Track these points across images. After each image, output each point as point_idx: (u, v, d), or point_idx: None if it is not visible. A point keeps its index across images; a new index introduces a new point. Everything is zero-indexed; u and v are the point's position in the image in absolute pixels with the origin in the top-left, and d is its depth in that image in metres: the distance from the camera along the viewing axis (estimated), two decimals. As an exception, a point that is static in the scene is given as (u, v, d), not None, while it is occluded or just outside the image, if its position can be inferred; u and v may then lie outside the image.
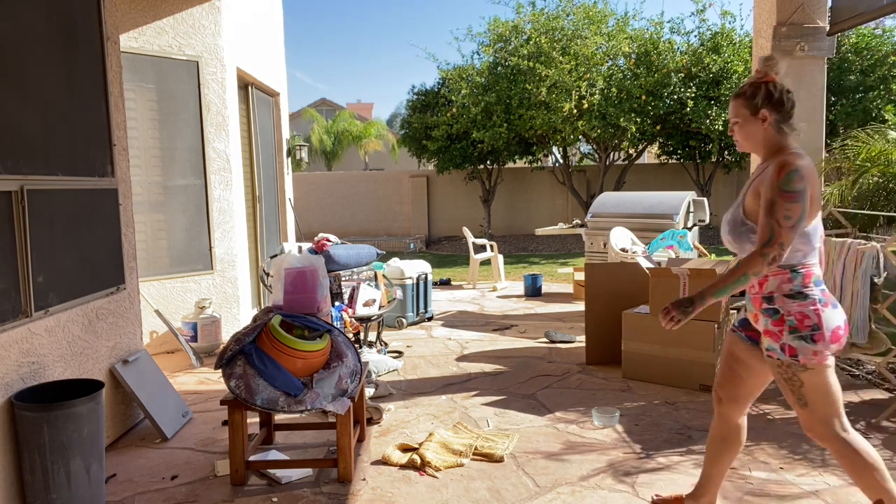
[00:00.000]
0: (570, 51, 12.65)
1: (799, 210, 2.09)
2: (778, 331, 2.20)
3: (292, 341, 2.94)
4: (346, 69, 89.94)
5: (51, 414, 2.59)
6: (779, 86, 2.27)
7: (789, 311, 2.18)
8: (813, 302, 2.17)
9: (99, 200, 3.46)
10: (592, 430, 3.58)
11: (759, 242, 2.12)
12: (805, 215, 2.12)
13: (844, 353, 4.09)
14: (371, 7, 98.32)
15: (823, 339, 2.15)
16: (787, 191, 2.09)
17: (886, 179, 4.38)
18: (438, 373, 4.76)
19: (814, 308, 2.16)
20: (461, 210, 16.74)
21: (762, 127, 2.25)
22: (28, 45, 2.89)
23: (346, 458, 3.00)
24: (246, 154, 6.48)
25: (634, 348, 4.44)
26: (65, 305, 3.10)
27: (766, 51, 4.72)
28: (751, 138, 2.29)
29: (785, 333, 2.18)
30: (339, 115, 25.04)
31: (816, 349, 2.15)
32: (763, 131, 2.25)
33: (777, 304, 2.21)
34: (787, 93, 2.27)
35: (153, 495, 2.96)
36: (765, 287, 2.24)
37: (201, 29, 5.52)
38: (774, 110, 2.23)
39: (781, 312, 2.20)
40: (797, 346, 2.16)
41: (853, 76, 12.77)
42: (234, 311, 5.79)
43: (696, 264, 4.37)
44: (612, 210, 7.79)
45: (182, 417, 3.83)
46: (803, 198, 2.10)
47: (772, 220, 2.11)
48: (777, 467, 3.07)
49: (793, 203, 2.09)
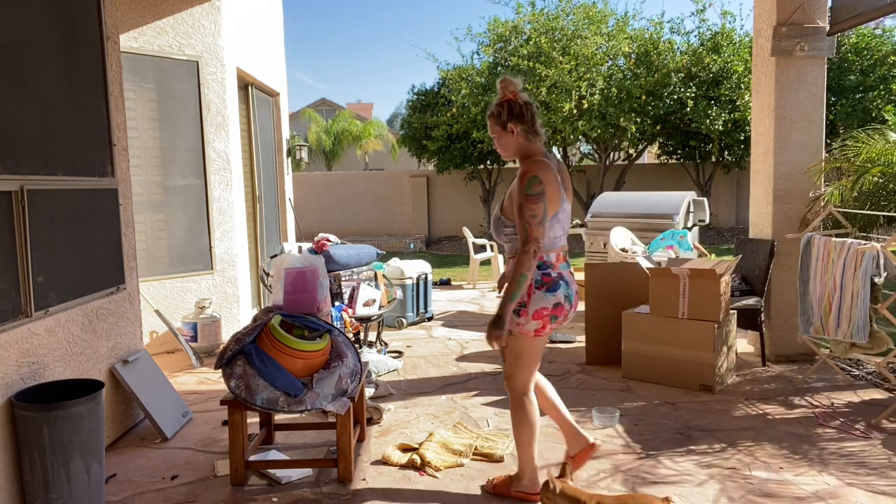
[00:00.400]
0: (570, 51, 12.65)
1: (541, 209, 2.51)
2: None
3: (292, 341, 2.94)
4: (346, 69, 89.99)
5: (51, 414, 2.59)
6: (519, 101, 2.65)
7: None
8: (530, 284, 2.60)
9: (99, 200, 3.46)
10: (592, 431, 3.58)
11: (521, 242, 2.53)
12: (547, 212, 2.54)
13: (844, 353, 4.10)
14: (371, 7, 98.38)
15: (527, 314, 2.62)
16: (529, 195, 2.51)
17: (886, 179, 4.38)
18: (438, 373, 4.76)
19: (528, 289, 2.61)
20: (461, 210, 16.74)
21: (513, 138, 2.65)
22: (28, 45, 2.89)
23: (346, 458, 3.00)
24: (246, 154, 6.48)
25: (634, 348, 4.44)
26: (65, 305, 3.09)
27: (767, 51, 4.72)
28: (507, 148, 2.70)
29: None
30: (339, 115, 25.04)
31: (520, 321, 2.63)
32: (514, 141, 2.66)
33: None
34: (527, 105, 2.66)
35: (153, 495, 2.96)
36: (509, 267, 2.76)
37: (201, 29, 5.52)
38: (518, 122, 2.63)
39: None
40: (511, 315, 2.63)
41: (853, 76, 12.76)
42: (234, 311, 5.79)
43: (696, 264, 4.37)
44: (612, 210, 7.78)
45: (182, 417, 3.83)
46: (543, 198, 2.51)
47: (523, 221, 2.52)
48: (777, 467, 3.07)
49: (535, 204, 2.50)
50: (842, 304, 3.90)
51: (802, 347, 4.71)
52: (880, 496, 2.77)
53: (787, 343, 4.82)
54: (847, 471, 3.01)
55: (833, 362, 4.41)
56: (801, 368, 4.64)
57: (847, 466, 3.06)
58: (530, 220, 2.50)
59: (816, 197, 4.69)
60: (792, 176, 4.74)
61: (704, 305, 4.15)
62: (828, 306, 4.00)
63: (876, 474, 2.97)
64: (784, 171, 4.74)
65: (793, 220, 4.74)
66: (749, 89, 12.10)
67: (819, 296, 4.06)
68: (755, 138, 5.01)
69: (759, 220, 4.96)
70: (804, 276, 4.20)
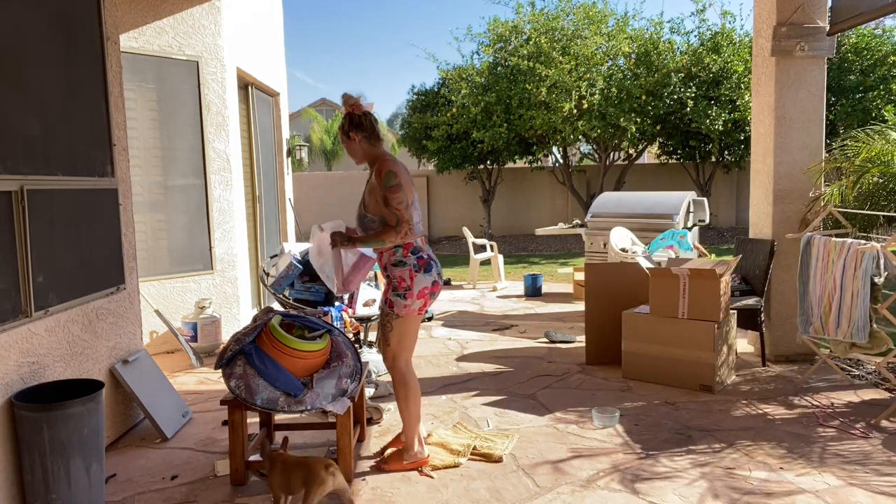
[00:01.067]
0: (569, 51, 12.64)
1: (403, 196, 2.90)
2: (387, 287, 3.04)
3: (292, 341, 2.94)
4: (346, 69, 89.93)
5: (51, 414, 2.59)
6: (357, 113, 3.00)
7: (393, 275, 3.00)
8: (409, 269, 2.97)
9: (99, 200, 3.46)
10: (592, 431, 3.58)
11: (391, 223, 2.90)
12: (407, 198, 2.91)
13: (844, 353, 4.10)
14: (371, 7, 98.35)
15: (412, 296, 2.98)
16: (389, 186, 2.90)
17: (886, 179, 4.38)
18: (438, 373, 4.76)
19: (410, 273, 2.97)
20: (461, 210, 16.73)
21: (357, 145, 3.02)
22: (28, 45, 2.89)
23: (346, 458, 3.00)
24: (246, 154, 6.48)
25: (634, 348, 4.44)
26: (65, 305, 3.10)
27: (767, 51, 4.72)
28: (355, 154, 3.07)
29: (390, 290, 3.02)
30: (340, 115, 25.01)
31: (406, 303, 2.99)
32: (359, 147, 3.03)
33: (389, 272, 3.02)
34: (365, 115, 3.01)
35: (153, 495, 2.96)
36: (382, 261, 3.06)
37: (201, 29, 5.52)
38: (359, 131, 3.00)
39: (390, 276, 3.02)
40: (394, 300, 3.00)
41: (853, 76, 12.76)
42: (234, 311, 5.79)
43: (696, 264, 4.37)
44: (612, 210, 7.78)
45: (182, 417, 3.83)
46: (402, 188, 2.90)
47: (391, 208, 2.90)
48: (777, 467, 3.07)
49: (397, 193, 2.89)
50: (842, 304, 3.90)
51: (802, 347, 4.71)
52: (880, 496, 2.77)
53: (787, 343, 4.82)
54: (847, 470, 3.01)
55: (833, 362, 4.41)
56: (801, 368, 4.64)
57: (847, 466, 3.06)
58: (398, 207, 2.89)
59: (816, 197, 4.69)
60: (792, 176, 4.74)
61: (704, 305, 4.15)
62: (828, 306, 4.00)
63: (876, 474, 2.97)
64: (784, 171, 4.74)
65: (793, 220, 4.74)
66: (749, 89, 12.10)
67: (819, 296, 4.06)
68: (755, 138, 5.01)
69: (759, 220, 4.96)
70: (804, 276, 4.20)
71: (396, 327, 3.02)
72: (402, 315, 3.00)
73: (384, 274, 3.08)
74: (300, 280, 4.84)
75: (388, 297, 3.02)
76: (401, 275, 2.98)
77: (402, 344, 3.06)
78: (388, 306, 3.02)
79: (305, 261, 4.83)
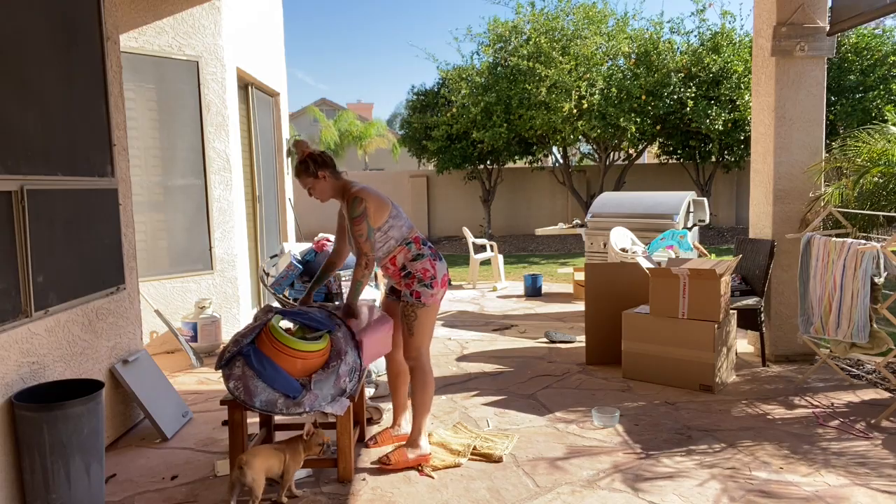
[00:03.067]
0: (569, 51, 12.64)
1: (365, 228, 2.99)
2: (410, 282, 3.13)
3: (292, 341, 2.93)
4: (347, 69, 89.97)
5: (51, 414, 2.59)
6: (316, 152, 3.10)
7: (415, 269, 3.12)
8: (428, 259, 3.13)
9: (99, 200, 3.46)
10: (592, 431, 3.58)
11: (357, 258, 3.00)
12: (372, 226, 3.01)
13: (844, 353, 4.09)
14: (371, 7, 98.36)
15: (437, 284, 3.14)
16: (353, 217, 2.98)
17: (886, 179, 4.38)
18: (438, 373, 4.76)
19: (430, 263, 3.13)
20: (461, 210, 16.73)
21: (326, 182, 3.09)
22: (28, 45, 2.89)
23: (346, 458, 3.00)
24: (246, 154, 6.48)
25: (634, 348, 4.44)
26: (65, 305, 3.09)
27: (767, 51, 4.71)
28: (325, 193, 3.12)
29: (415, 283, 3.12)
30: (341, 116, 25.01)
31: (433, 292, 3.13)
32: (328, 184, 3.10)
33: (409, 269, 3.14)
34: (322, 154, 3.12)
35: (153, 495, 2.96)
36: (397, 263, 3.16)
37: (201, 29, 5.52)
38: (325, 168, 3.07)
39: (411, 272, 3.13)
40: (421, 291, 3.11)
41: (853, 76, 12.76)
42: (234, 311, 5.79)
43: (696, 264, 4.37)
44: (612, 210, 7.78)
45: (182, 417, 3.83)
46: (366, 216, 2.98)
47: (354, 240, 3.01)
48: (778, 467, 3.07)
49: (359, 225, 2.98)
50: (842, 304, 3.90)
51: (802, 347, 4.71)
52: (880, 496, 2.77)
53: (787, 343, 4.82)
54: (847, 470, 3.01)
55: (833, 362, 4.41)
56: (801, 368, 4.64)
57: (847, 466, 3.06)
58: (358, 239, 3.00)
59: (816, 197, 4.69)
60: (792, 176, 4.74)
61: (704, 305, 4.15)
62: (828, 306, 4.00)
63: (876, 474, 2.97)
64: (784, 171, 4.74)
65: (793, 220, 4.74)
66: (749, 89, 12.10)
67: (819, 296, 4.06)
68: (755, 138, 5.01)
69: (759, 220, 4.96)
70: (804, 276, 4.20)
71: (421, 316, 3.13)
72: (429, 304, 3.13)
73: (402, 273, 3.16)
74: (300, 280, 4.84)
75: (413, 290, 3.12)
76: (423, 266, 3.12)
77: (424, 335, 3.17)
78: (416, 297, 3.12)
79: (305, 261, 4.83)
